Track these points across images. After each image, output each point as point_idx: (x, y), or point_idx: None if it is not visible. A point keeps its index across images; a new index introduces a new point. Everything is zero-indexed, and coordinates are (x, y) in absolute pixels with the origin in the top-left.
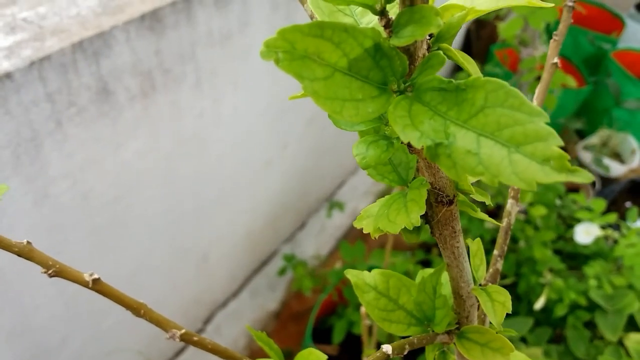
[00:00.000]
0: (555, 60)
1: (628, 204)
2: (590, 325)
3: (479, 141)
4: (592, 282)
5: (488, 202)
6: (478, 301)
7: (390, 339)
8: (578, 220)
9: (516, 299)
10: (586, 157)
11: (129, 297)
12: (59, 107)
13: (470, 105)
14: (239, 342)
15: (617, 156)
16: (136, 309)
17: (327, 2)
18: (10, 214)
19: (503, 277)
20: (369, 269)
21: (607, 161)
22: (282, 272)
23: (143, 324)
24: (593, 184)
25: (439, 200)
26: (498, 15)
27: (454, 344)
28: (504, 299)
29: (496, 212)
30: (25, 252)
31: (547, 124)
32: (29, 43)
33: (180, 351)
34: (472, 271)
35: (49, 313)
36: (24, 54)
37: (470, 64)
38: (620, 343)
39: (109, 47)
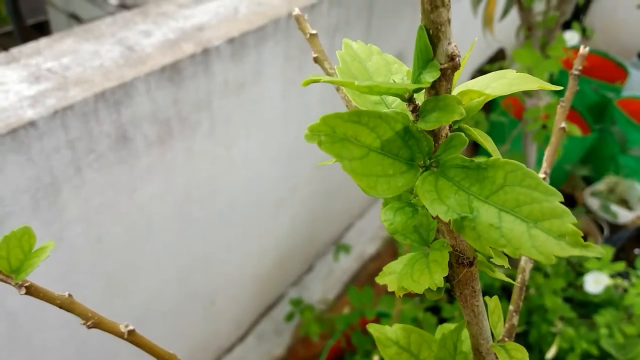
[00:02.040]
0: (563, 125)
1: (637, 250)
2: None
3: (500, 216)
4: (603, 331)
5: (506, 265)
6: (497, 358)
7: None
8: (587, 268)
9: (528, 348)
10: (593, 203)
11: (160, 348)
12: (79, 153)
13: (492, 183)
14: None
15: (625, 203)
16: None
17: (362, 92)
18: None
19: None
20: (379, 315)
21: (615, 208)
22: (289, 317)
23: None
24: (601, 230)
25: (460, 262)
26: (502, 67)
27: None
28: (522, 356)
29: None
30: (66, 305)
31: (562, 202)
32: (52, 92)
33: None
34: (490, 328)
35: (58, 357)
36: (48, 103)
37: (488, 143)
38: None
39: (130, 97)
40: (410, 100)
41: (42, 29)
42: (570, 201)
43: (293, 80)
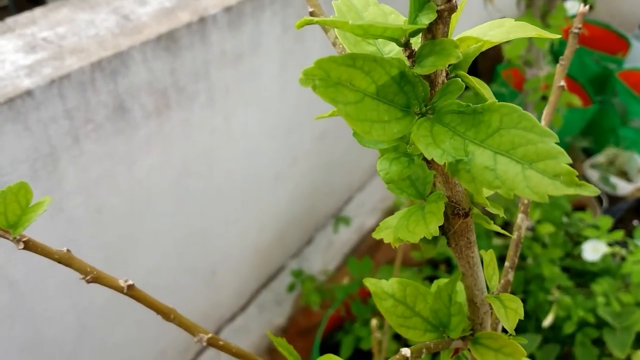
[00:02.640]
0: (562, 83)
1: (635, 222)
2: (599, 342)
3: (495, 158)
4: (600, 300)
5: (501, 214)
6: (491, 309)
7: None
8: (585, 238)
9: (524, 316)
10: (593, 175)
11: (159, 302)
12: (77, 123)
13: (487, 127)
14: None
15: (624, 175)
16: (167, 314)
17: (356, 35)
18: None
19: (511, 294)
20: None
21: (614, 180)
22: (291, 288)
23: (151, 340)
24: (600, 202)
25: (456, 213)
26: None
27: (469, 349)
28: (516, 306)
29: (504, 228)
30: (65, 259)
31: (557, 143)
32: (49, 62)
33: None
34: (485, 281)
35: (60, 326)
36: (44, 72)
37: (485, 89)
38: None
39: (127, 66)
40: (406, 46)
41: (36, 2)
42: None
43: (291, 51)
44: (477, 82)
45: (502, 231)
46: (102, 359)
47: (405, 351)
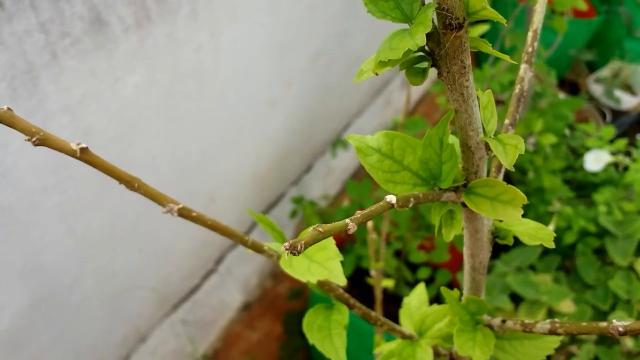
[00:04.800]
0: None
1: (639, 135)
2: (600, 252)
3: None
4: (602, 209)
5: (504, 22)
6: (488, 153)
7: (397, 272)
8: (588, 149)
9: None
10: (597, 89)
11: (120, 170)
12: (53, 37)
13: None
14: (250, 282)
15: (629, 88)
16: (129, 182)
17: None
18: (12, 150)
19: None
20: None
21: (618, 93)
22: (293, 214)
23: (154, 267)
24: (603, 116)
25: (447, 24)
26: None
27: (462, 204)
28: (517, 142)
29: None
30: (6, 119)
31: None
32: None
33: (195, 289)
34: (482, 123)
35: (59, 251)
36: None
37: None
38: (631, 268)
39: None
40: None
41: None
42: (574, 88)
43: None
44: None
45: (504, 56)
46: (107, 284)
47: (391, 198)
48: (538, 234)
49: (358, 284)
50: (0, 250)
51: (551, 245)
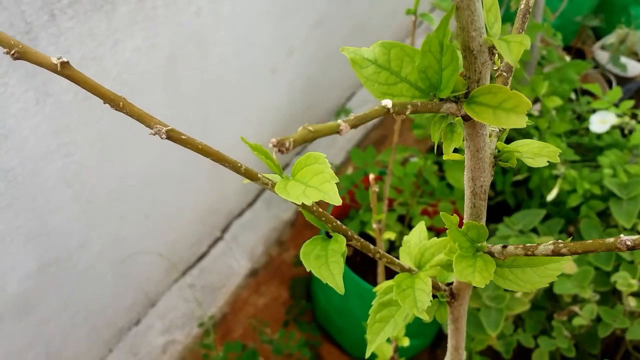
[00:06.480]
0: None
1: None
2: (603, 215)
3: None
4: (607, 171)
5: None
6: (491, 57)
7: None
8: (594, 109)
9: (528, 194)
10: (603, 57)
11: (104, 87)
12: None
13: None
14: (256, 250)
15: (635, 55)
16: (114, 100)
17: None
18: (13, 112)
19: (516, 172)
20: (380, 174)
21: (625, 60)
22: None
23: (161, 233)
24: (609, 83)
25: None
26: None
27: (463, 117)
28: (522, 39)
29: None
30: None
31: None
32: None
33: (202, 256)
34: (486, 26)
35: (64, 216)
36: None
37: None
38: (635, 230)
39: None
40: None
41: None
42: (580, 56)
43: None
44: None
45: None
46: (114, 250)
47: (386, 102)
48: (542, 152)
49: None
50: (6, 214)
51: (556, 160)
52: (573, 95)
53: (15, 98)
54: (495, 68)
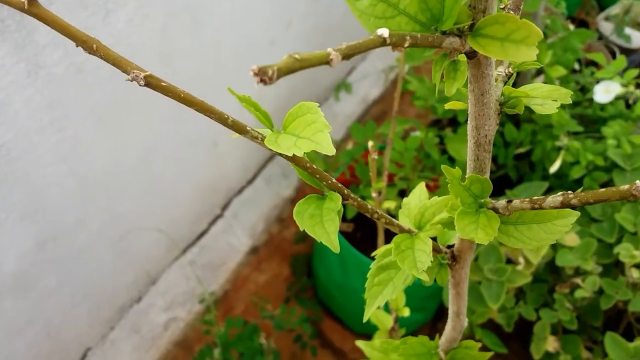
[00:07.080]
0: None
1: None
2: (607, 186)
3: None
4: (611, 142)
5: None
6: None
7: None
8: (598, 79)
9: (531, 166)
10: (607, 28)
11: (75, 28)
12: None
13: None
14: (257, 227)
15: (639, 26)
16: (86, 42)
17: None
18: (4, 85)
19: (518, 145)
20: (381, 149)
21: (629, 31)
22: None
23: (160, 210)
24: (613, 54)
25: None
26: None
27: (467, 55)
28: None
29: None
30: None
31: None
32: None
33: (202, 234)
34: None
35: (60, 193)
36: None
37: None
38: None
39: None
40: None
41: None
42: (583, 26)
43: None
44: None
45: None
46: (113, 227)
47: (382, 31)
48: (552, 95)
49: (362, 225)
50: (0, 190)
51: (568, 101)
52: (577, 66)
53: (6, 70)
54: (502, 7)
